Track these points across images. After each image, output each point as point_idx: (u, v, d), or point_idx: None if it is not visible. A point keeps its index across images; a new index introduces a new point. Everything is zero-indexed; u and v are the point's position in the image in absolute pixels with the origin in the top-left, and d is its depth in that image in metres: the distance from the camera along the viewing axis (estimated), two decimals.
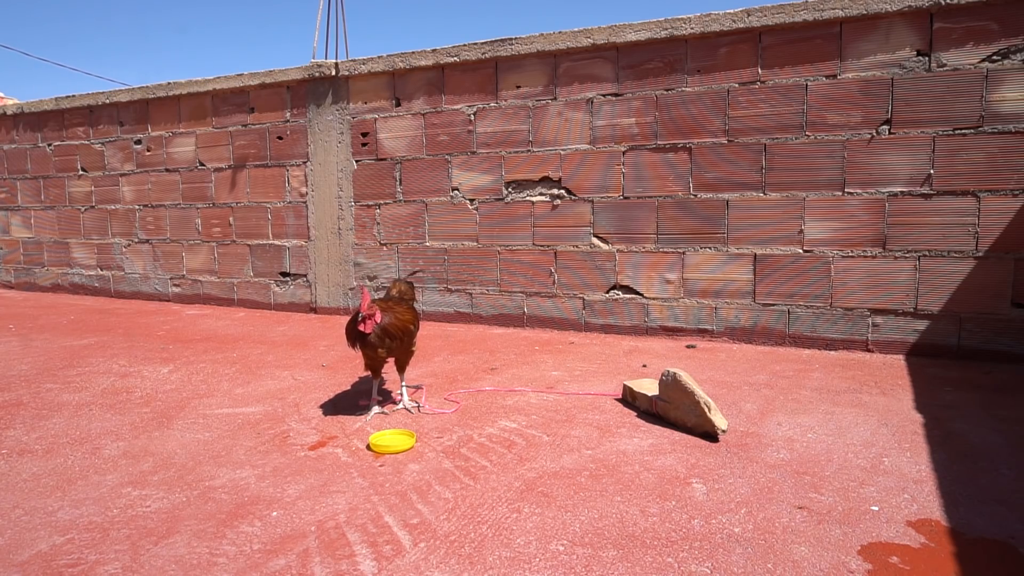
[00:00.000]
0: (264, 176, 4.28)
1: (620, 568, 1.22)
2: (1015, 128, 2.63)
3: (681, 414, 1.95)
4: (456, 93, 3.65)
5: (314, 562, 1.26)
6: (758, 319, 3.09)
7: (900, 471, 1.63)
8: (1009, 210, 2.66)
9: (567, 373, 2.63)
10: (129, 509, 1.48)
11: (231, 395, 2.38)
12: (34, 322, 3.95)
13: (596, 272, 3.41)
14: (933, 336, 2.80)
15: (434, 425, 2.02)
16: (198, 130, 4.48)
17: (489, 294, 3.67)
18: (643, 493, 1.53)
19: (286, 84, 4.12)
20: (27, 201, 5.35)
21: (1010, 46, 2.62)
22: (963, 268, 2.74)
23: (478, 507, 1.47)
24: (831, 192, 2.92)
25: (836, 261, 2.94)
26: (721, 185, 3.11)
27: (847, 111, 2.86)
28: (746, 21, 2.97)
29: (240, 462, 1.74)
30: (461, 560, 1.26)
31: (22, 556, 1.29)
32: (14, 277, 5.53)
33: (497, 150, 3.57)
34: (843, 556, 1.25)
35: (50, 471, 1.70)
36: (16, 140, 5.32)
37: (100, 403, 2.29)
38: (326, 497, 1.53)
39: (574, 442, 1.86)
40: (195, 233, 4.59)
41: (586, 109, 3.35)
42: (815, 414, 2.07)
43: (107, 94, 4.84)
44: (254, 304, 4.41)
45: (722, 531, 1.35)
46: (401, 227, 3.88)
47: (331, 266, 4.11)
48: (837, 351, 2.94)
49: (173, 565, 1.25)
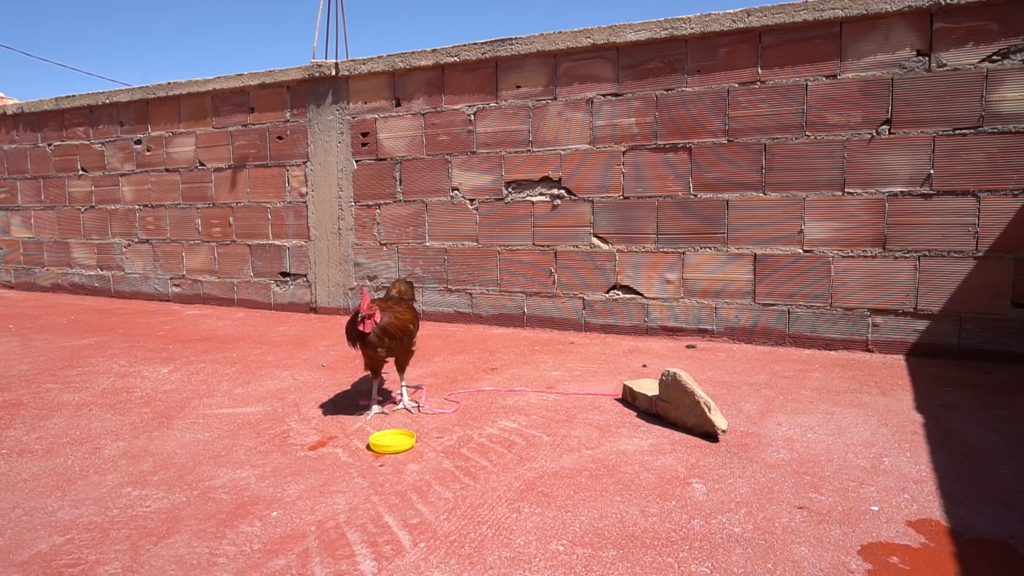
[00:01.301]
0: (264, 176, 4.28)
1: (620, 568, 1.22)
2: (1015, 128, 2.63)
3: (681, 414, 1.95)
4: (456, 93, 3.65)
5: (314, 562, 1.26)
6: (758, 319, 3.09)
7: (900, 471, 1.63)
8: (1009, 210, 2.66)
9: (567, 373, 2.63)
10: (129, 509, 1.48)
11: (231, 395, 2.38)
12: (34, 322, 3.95)
13: (596, 272, 3.41)
14: (933, 336, 2.80)
15: (434, 425, 2.02)
16: (198, 130, 4.48)
17: (489, 294, 3.67)
18: (643, 493, 1.53)
19: (286, 84, 4.12)
20: (27, 201, 5.35)
21: (1010, 46, 2.62)
22: (963, 268, 2.74)
23: (478, 507, 1.47)
24: (831, 192, 2.92)
25: (836, 261, 2.94)
26: (721, 185, 3.11)
27: (847, 111, 2.86)
28: (746, 21, 2.97)
29: (240, 462, 1.74)
30: (461, 560, 1.26)
31: (22, 556, 1.29)
32: (14, 277, 5.53)
33: (497, 150, 3.57)
34: (843, 556, 1.25)
35: (50, 471, 1.70)
36: (16, 140, 5.32)
37: (100, 403, 2.29)
38: (326, 497, 1.53)
39: (574, 442, 1.86)
40: (195, 233, 4.59)
41: (586, 109, 3.35)
42: (815, 414, 2.07)
43: (107, 94, 4.84)
44: (254, 304, 4.41)
45: (722, 531, 1.35)
46: (401, 227, 3.88)
47: (331, 266, 4.11)
48: (837, 351, 2.94)
49: (173, 565, 1.25)
